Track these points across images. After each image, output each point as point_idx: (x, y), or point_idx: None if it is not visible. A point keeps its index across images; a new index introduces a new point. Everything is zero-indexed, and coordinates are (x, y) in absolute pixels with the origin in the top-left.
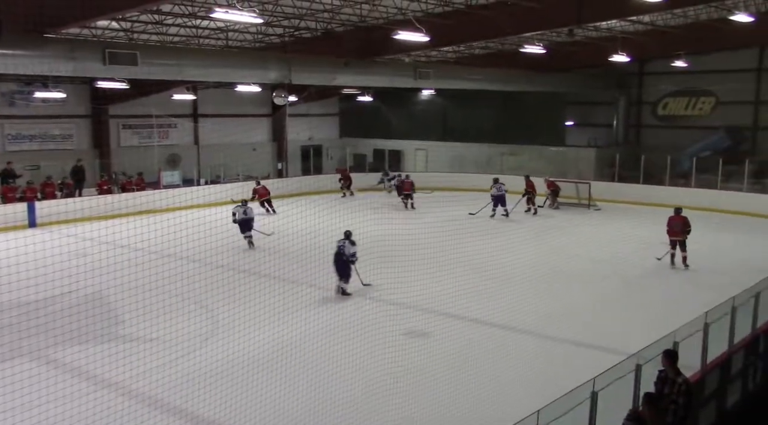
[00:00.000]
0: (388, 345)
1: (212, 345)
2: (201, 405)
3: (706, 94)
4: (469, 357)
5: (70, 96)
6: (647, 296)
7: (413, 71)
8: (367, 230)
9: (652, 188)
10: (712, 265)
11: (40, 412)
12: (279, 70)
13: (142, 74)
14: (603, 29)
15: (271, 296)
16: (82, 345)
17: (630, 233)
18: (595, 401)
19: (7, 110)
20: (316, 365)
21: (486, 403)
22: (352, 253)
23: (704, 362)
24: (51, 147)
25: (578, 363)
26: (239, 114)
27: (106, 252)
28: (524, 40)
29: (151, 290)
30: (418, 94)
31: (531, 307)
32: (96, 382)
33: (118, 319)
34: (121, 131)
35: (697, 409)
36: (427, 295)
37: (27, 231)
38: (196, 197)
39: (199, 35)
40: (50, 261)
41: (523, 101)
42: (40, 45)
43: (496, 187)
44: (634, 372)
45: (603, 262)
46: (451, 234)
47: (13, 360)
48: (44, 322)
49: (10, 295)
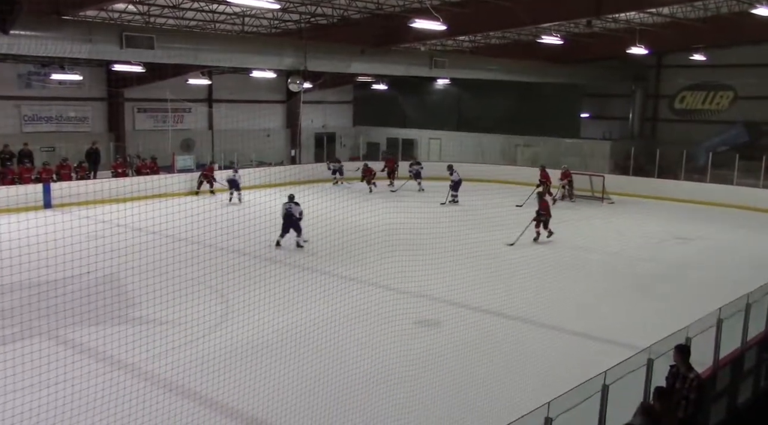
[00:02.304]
0: (399, 333)
1: (225, 329)
2: (213, 387)
3: (725, 89)
4: (480, 347)
5: (86, 79)
6: (659, 291)
7: (429, 60)
8: (380, 218)
9: (667, 183)
10: (726, 261)
11: (56, 391)
12: (294, 57)
13: (159, 58)
14: (621, 21)
15: (283, 282)
16: (97, 326)
17: (643, 227)
18: (605, 394)
19: (24, 91)
20: (328, 351)
21: (496, 393)
22: (301, 211)
23: (716, 358)
24: (67, 129)
25: (589, 356)
26: (254, 100)
27: (120, 234)
28: (542, 30)
29: (165, 274)
30: (433, 84)
31: (542, 299)
32: (110, 363)
33: (131, 301)
34: (136, 115)
35: (708, 405)
36: (439, 285)
37: (42, 212)
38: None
39: (215, 20)
40: (65, 242)
41: (539, 92)
42: (58, 27)
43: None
44: (645, 366)
45: (615, 255)
46: (464, 224)
47: (31, 339)
48: (60, 302)
49: (29, 274)
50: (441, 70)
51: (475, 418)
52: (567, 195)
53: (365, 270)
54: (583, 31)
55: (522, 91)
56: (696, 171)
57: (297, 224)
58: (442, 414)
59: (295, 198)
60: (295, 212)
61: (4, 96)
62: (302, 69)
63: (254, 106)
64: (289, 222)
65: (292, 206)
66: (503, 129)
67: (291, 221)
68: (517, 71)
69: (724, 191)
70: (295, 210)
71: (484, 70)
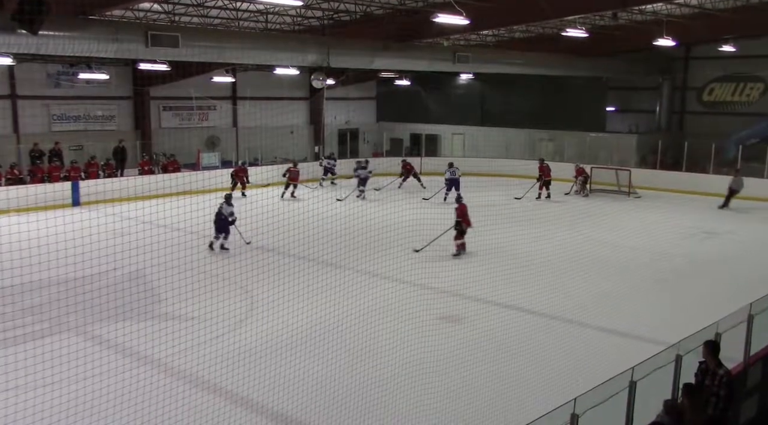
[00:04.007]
0: (423, 328)
1: (250, 325)
2: (239, 383)
3: (755, 80)
4: (504, 343)
5: (113, 77)
6: (688, 286)
7: (452, 55)
8: (403, 216)
9: (696, 176)
10: (756, 256)
11: (85, 386)
12: (317, 53)
13: (183, 56)
14: (648, 12)
15: (307, 277)
16: (124, 322)
17: (670, 222)
18: (633, 390)
19: (52, 90)
20: (352, 346)
21: (521, 389)
22: (230, 212)
23: (747, 354)
24: (94, 128)
25: (615, 352)
26: (277, 97)
27: (146, 231)
28: (566, 23)
29: (192, 270)
30: (456, 79)
31: (567, 294)
32: (137, 358)
33: (158, 297)
34: (162, 113)
35: (739, 402)
36: (462, 280)
37: (71, 209)
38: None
39: (239, 18)
40: (92, 239)
41: (564, 86)
42: (85, 27)
43: (450, 171)
44: (674, 362)
45: (642, 250)
46: (487, 220)
47: (61, 335)
48: (88, 299)
49: (58, 271)
50: (464, 64)
51: (500, 413)
52: (580, 191)
53: (388, 266)
54: (609, 24)
55: (546, 85)
56: (725, 164)
57: (225, 225)
58: (466, 409)
59: (231, 199)
60: (224, 212)
61: (34, 96)
62: (325, 65)
63: (278, 103)
64: (217, 222)
65: (223, 206)
66: (527, 124)
67: (219, 221)
68: (541, 65)
69: (755, 185)
70: (225, 210)
71: (507, 64)
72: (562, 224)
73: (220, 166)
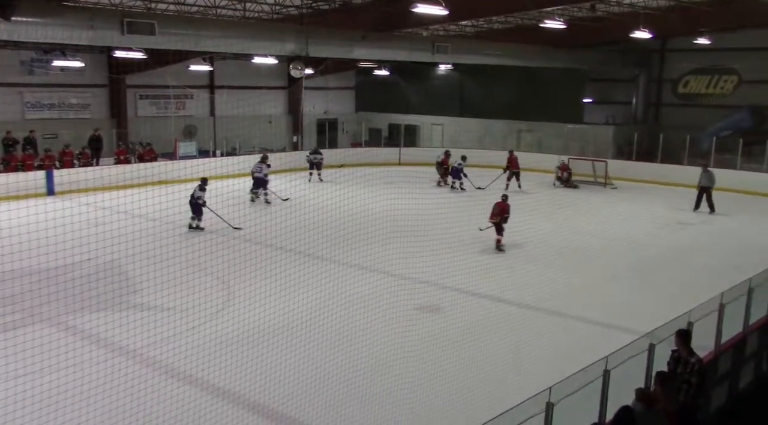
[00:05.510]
0: (402, 318)
1: (227, 315)
2: (215, 373)
3: (729, 73)
4: (481, 333)
5: (88, 65)
6: (661, 275)
7: (431, 45)
8: (380, 204)
9: (670, 168)
10: (729, 246)
11: (59, 377)
12: (296, 42)
13: (160, 44)
14: (625, 4)
15: (285, 268)
16: (99, 313)
17: (646, 213)
18: (607, 379)
19: (26, 78)
20: (328, 336)
21: (497, 378)
22: (198, 196)
23: (718, 342)
24: (69, 116)
25: (590, 341)
26: (255, 86)
27: (122, 221)
28: (545, 14)
29: (167, 260)
30: (436, 69)
31: (544, 284)
32: (112, 349)
33: (133, 288)
34: (138, 101)
35: (710, 389)
36: (440, 270)
37: (45, 199)
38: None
39: (216, 5)
40: (68, 229)
41: (542, 77)
42: (60, 13)
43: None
44: (647, 351)
45: (618, 240)
46: (465, 210)
47: (34, 326)
48: (62, 289)
49: (30, 261)
50: (443, 55)
51: (477, 403)
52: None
53: (367, 257)
54: (587, 15)
55: (525, 77)
56: (700, 156)
57: (197, 206)
58: (443, 399)
59: (206, 184)
60: (195, 194)
61: (7, 83)
62: (304, 55)
63: (256, 92)
64: (191, 203)
65: (195, 189)
66: (506, 114)
67: (191, 203)
68: (519, 56)
69: (728, 176)
70: (196, 193)
71: (486, 55)
72: (538, 215)
73: (198, 155)
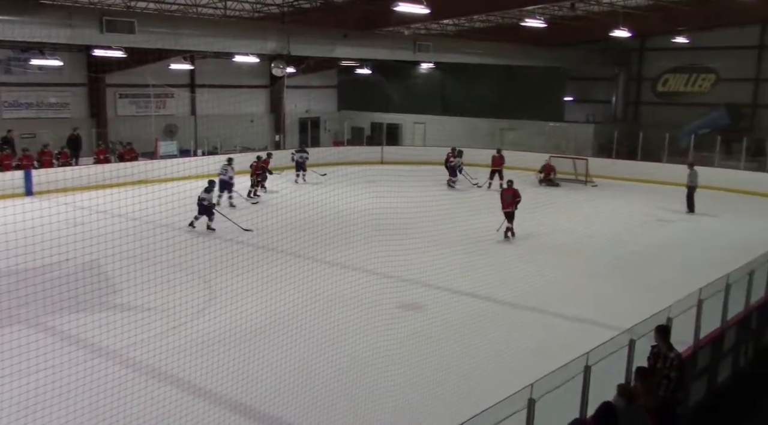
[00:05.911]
0: (384, 316)
1: (208, 315)
2: (196, 373)
3: (707, 71)
4: (463, 330)
5: (67, 64)
6: (641, 272)
7: (413, 44)
8: (362, 203)
9: (650, 165)
10: (707, 242)
11: (37, 379)
12: (277, 41)
13: (140, 43)
14: (605, 4)
15: (267, 267)
16: (78, 313)
17: (626, 209)
18: (588, 375)
19: (3, 76)
20: (311, 335)
21: (479, 375)
22: (203, 197)
23: (697, 338)
24: (47, 115)
25: (571, 337)
26: (237, 85)
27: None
28: (525, 13)
29: (148, 260)
30: (417, 68)
31: (526, 281)
32: (92, 350)
33: (113, 288)
34: (118, 100)
35: (689, 384)
36: (422, 269)
37: (23, 199)
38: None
39: (197, 4)
40: (47, 229)
41: (523, 76)
42: (37, 11)
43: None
44: (627, 346)
45: (598, 237)
46: (446, 208)
47: (11, 327)
48: (40, 290)
49: (7, 262)
50: (425, 54)
51: (459, 400)
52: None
53: (349, 255)
54: (567, 14)
55: (506, 75)
56: (678, 154)
57: (204, 208)
58: (425, 396)
59: (212, 187)
60: (200, 195)
61: None
62: (285, 53)
63: (237, 91)
64: (198, 204)
65: (201, 192)
66: (487, 113)
67: (198, 204)
68: (500, 55)
69: (706, 174)
70: (201, 194)
71: (468, 53)
72: (520, 212)
73: (179, 155)
